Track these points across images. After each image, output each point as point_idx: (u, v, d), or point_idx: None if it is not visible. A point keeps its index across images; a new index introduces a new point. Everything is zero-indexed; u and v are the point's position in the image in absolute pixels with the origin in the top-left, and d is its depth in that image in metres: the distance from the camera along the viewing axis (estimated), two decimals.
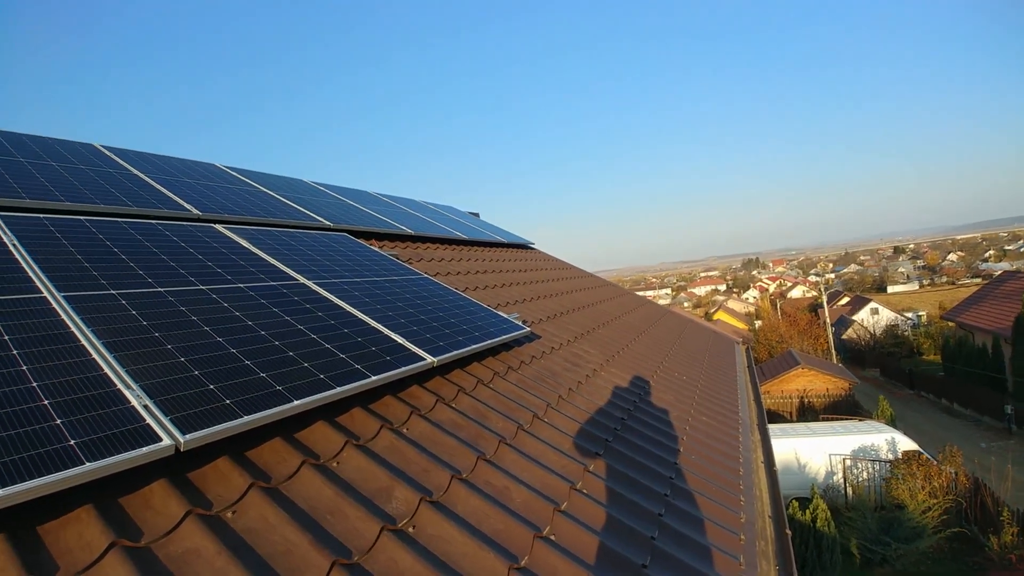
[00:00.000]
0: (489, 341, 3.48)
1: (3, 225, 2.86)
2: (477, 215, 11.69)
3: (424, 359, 2.82)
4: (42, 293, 2.33)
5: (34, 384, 1.75)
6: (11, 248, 2.65)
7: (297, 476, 1.93)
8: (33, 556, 1.35)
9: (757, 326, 43.28)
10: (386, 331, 3.02)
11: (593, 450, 3.00)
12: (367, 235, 5.86)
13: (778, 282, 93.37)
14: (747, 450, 4.45)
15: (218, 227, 3.96)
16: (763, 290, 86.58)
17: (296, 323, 2.75)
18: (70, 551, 1.40)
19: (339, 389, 2.26)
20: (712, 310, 56.28)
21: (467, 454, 2.43)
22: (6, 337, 1.95)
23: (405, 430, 2.46)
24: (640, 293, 11.86)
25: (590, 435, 3.19)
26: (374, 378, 2.45)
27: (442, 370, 3.19)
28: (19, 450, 1.46)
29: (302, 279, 3.44)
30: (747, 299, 76.63)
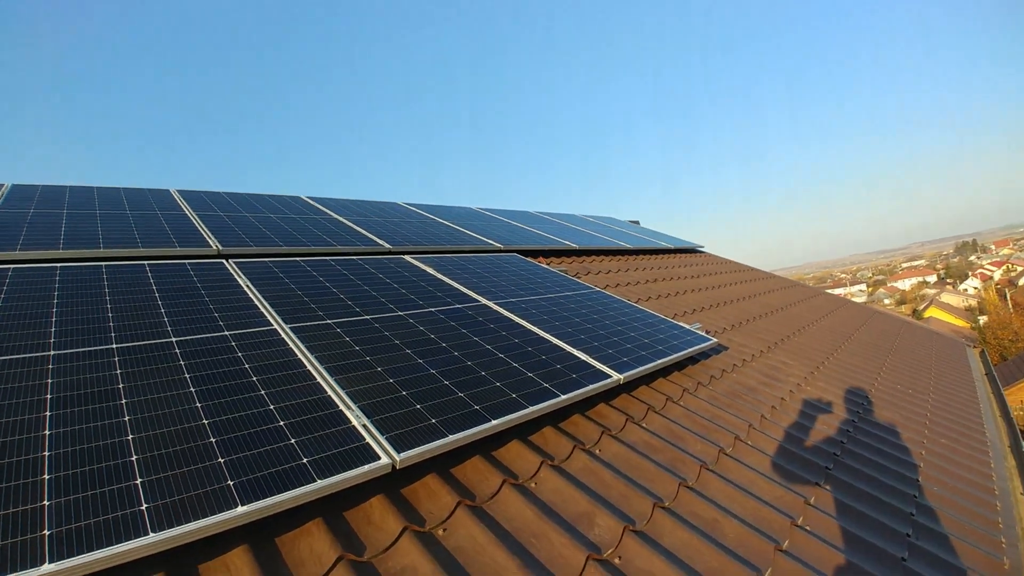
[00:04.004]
0: (674, 355, 3.26)
1: (237, 269, 3.40)
2: (637, 222, 11.35)
3: (610, 376, 2.72)
4: (272, 325, 2.69)
5: (272, 407, 1.98)
6: (244, 288, 3.13)
7: (499, 496, 1.94)
8: (272, 566, 1.48)
9: (982, 323, 35.62)
10: (568, 348, 2.98)
11: (811, 479, 2.61)
12: (535, 253, 5.98)
13: (1004, 267, 75.12)
14: (1002, 479, 3.59)
15: (407, 258, 4.32)
16: (986, 278, 70.33)
17: (484, 343, 2.84)
18: (303, 563, 1.51)
19: (531, 408, 2.25)
20: (922, 307, 47.25)
21: (667, 480, 2.25)
22: (246, 366, 2.26)
23: (598, 451, 2.37)
24: (829, 292, 10.45)
25: (805, 461, 2.79)
26: (563, 397, 2.41)
27: (628, 387, 3.05)
28: (261, 468, 1.65)
29: (483, 300, 3.57)
30: (965, 291, 63.24)
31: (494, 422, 2.09)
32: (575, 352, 2.94)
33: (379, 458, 1.77)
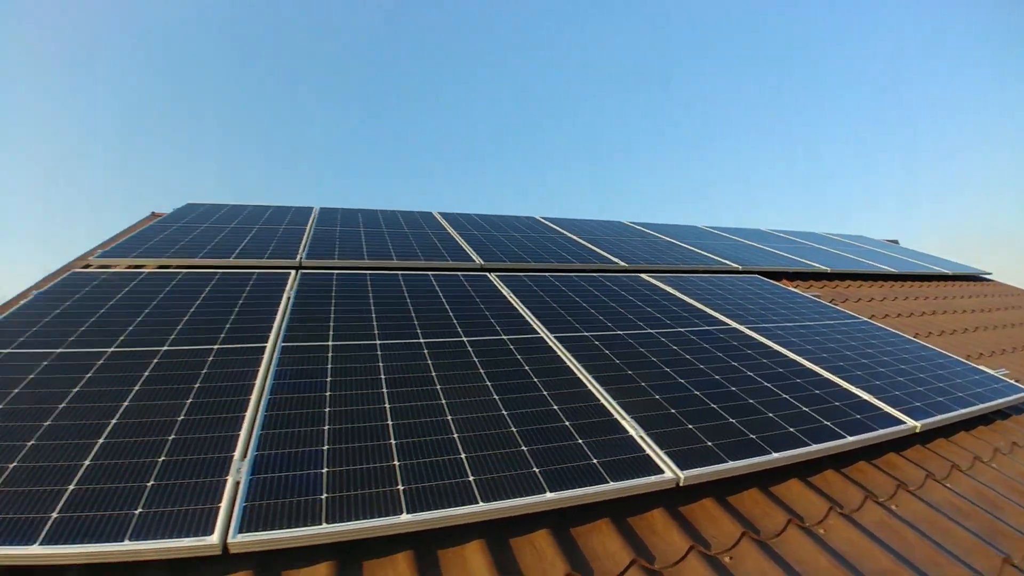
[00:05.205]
0: (980, 405, 2.71)
1: (500, 282, 3.78)
2: (896, 242, 9.73)
3: (903, 422, 2.37)
4: (538, 333, 2.94)
5: (555, 407, 2.17)
6: (508, 298, 3.47)
7: (785, 535, 1.83)
8: (572, 553, 1.61)
9: None
10: (844, 384, 2.68)
11: None
12: (777, 275, 5.52)
13: None
14: None
15: (644, 276, 4.36)
16: None
17: (744, 368, 2.72)
18: (598, 558, 1.62)
19: (814, 447, 2.08)
20: None
21: (986, 552, 1.88)
22: (526, 367, 2.50)
23: (894, 506, 2.08)
24: None
25: None
26: (849, 439, 2.18)
27: (921, 438, 2.63)
28: (559, 461, 1.82)
29: (732, 323, 3.42)
30: None
31: (774, 455, 1.99)
32: (852, 389, 2.63)
33: (662, 472, 1.81)
